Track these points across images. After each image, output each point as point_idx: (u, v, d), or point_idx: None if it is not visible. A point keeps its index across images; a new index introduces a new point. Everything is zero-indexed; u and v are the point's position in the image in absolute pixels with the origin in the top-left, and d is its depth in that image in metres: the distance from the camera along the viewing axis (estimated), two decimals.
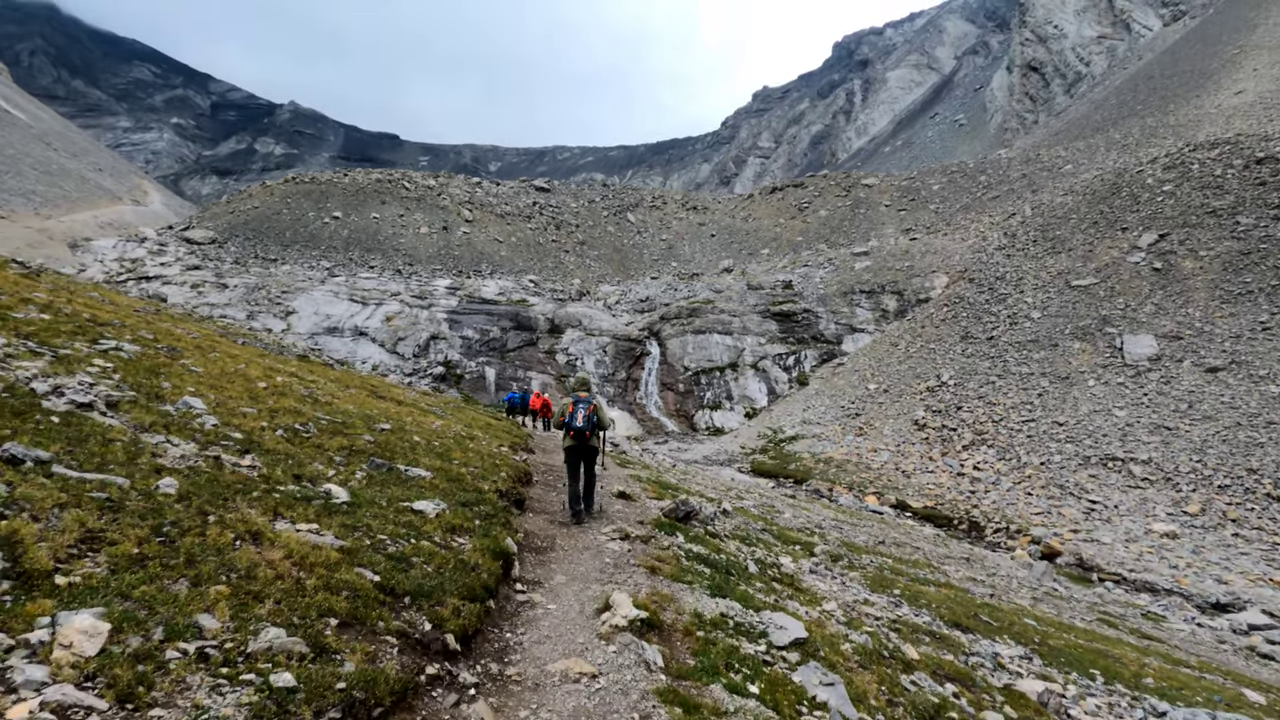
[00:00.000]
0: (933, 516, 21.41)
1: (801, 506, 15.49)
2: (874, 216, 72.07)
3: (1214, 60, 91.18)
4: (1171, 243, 35.36)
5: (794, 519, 11.53)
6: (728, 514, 9.33)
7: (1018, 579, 11.71)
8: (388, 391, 12.78)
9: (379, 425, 8.55)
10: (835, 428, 31.85)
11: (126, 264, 45.44)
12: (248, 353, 10.55)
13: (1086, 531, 19.31)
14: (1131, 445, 24.05)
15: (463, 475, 7.37)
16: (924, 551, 12.09)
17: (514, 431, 14.85)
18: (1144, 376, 28.20)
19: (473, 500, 6.66)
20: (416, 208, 67.16)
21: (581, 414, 8.17)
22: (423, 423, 10.04)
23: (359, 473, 6.29)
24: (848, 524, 13.40)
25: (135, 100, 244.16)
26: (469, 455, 8.73)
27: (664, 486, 10.58)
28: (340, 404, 8.92)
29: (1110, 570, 15.46)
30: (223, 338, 11.53)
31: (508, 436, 12.74)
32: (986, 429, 28.41)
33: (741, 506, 11.09)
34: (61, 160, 72.20)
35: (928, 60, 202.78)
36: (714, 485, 15.14)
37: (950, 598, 7.76)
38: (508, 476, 8.33)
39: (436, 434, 9.62)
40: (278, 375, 9.10)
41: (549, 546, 6.90)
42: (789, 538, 8.83)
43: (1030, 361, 31.78)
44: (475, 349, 39.11)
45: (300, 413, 7.56)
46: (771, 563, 6.91)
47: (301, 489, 5.20)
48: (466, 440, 9.96)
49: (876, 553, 9.97)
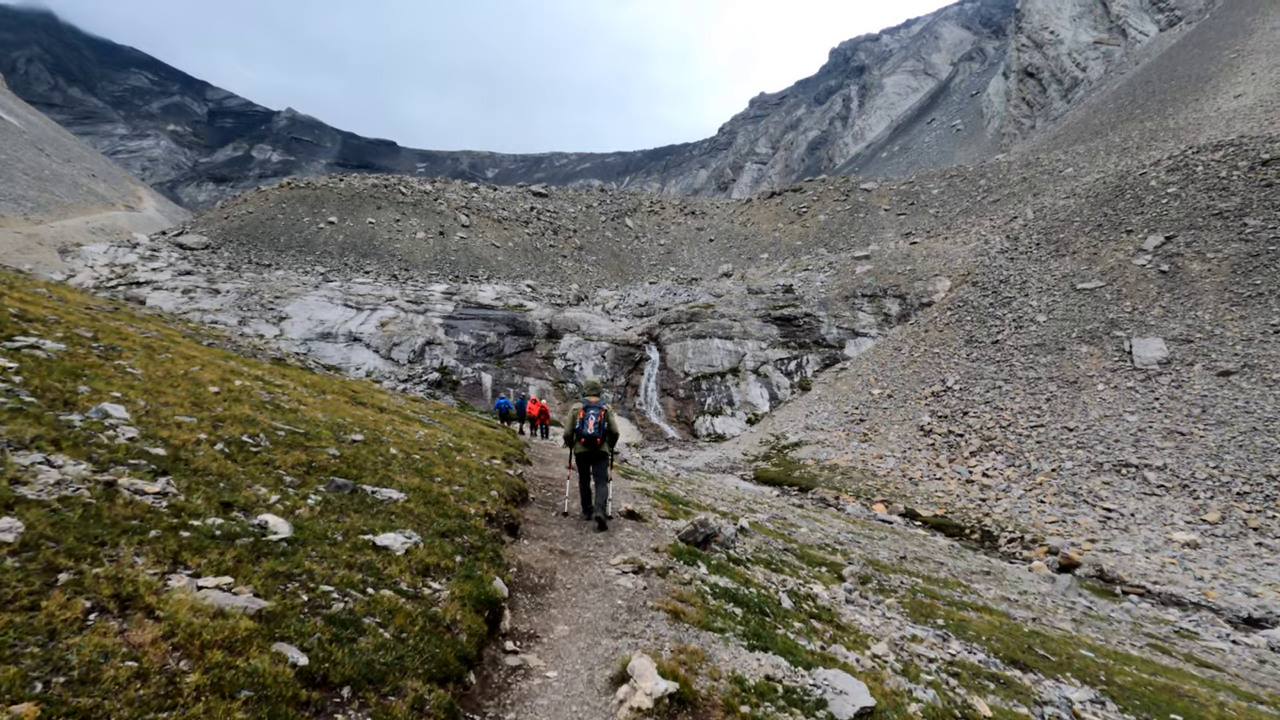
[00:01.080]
0: (944, 526, 20.75)
1: (813, 518, 14.82)
2: (873, 221, 71.71)
3: (1211, 65, 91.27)
4: (1178, 245, 34.87)
5: (810, 534, 10.84)
6: (745, 531, 8.62)
7: (1044, 595, 11.02)
8: (370, 397, 11.79)
9: (350, 436, 7.64)
10: (839, 434, 31.19)
11: (117, 269, 44.73)
12: (210, 354, 9.66)
13: (1104, 541, 18.66)
14: (1145, 451, 23.44)
15: (444, 496, 6.42)
16: (948, 567, 11.42)
17: (509, 441, 13.95)
18: (1154, 381, 27.62)
19: (454, 529, 5.69)
20: (413, 212, 66.60)
21: (593, 420, 8.04)
22: (404, 432, 9.22)
23: (312, 496, 5.23)
24: (864, 537, 12.72)
25: (132, 107, 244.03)
26: (454, 470, 7.88)
27: (674, 501, 9.87)
28: (308, 411, 8.02)
29: (1133, 583, 14.82)
30: (186, 338, 10.72)
31: (501, 447, 11.84)
32: (994, 435, 27.79)
33: (756, 521, 10.39)
34: (54, 166, 71.57)
35: (924, 66, 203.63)
36: (720, 495, 14.46)
37: (996, 626, 7.11)
38: (499, 496, 7.49)
39: (419, 445, 8.80)
40: (238, 379, 8.22)
41: (548, 583, 5.85)
42: (812, 558, 8.14)
43: (1037, 365, 31.20)
44: (472, 355, 38.43)
45: (253, 422, 6.53)
46: (806, 594, 6.14)
47: (226, 523, 4.11)
48: (453, 452, 9.08)
49: (903, 571, 9.31)
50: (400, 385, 33.66)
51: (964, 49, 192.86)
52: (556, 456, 14.84)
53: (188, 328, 13.13)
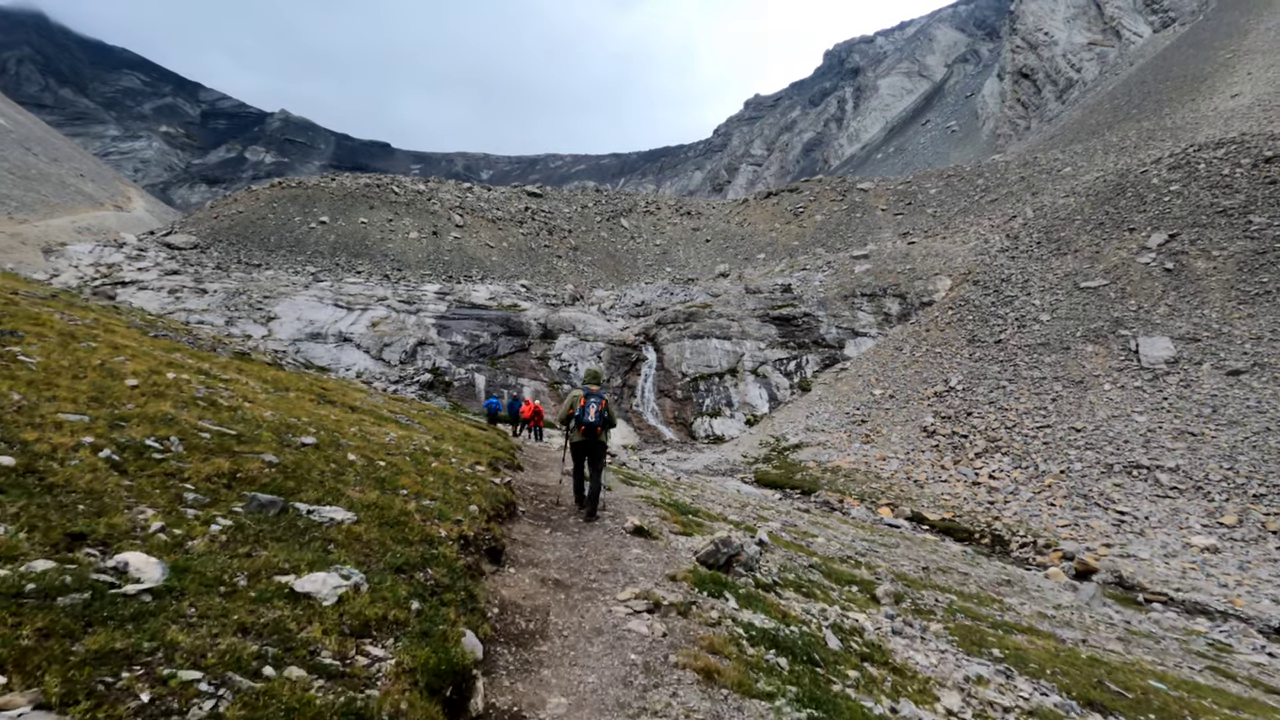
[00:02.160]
0: (952, 530, 20.10)
1: (823, 524, 14.14)
2: (870, 221, 71.26)
3: (1207, 65, 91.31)
4: (1182, 243, 34.40)
5: (828, 544, 10.13)
6: (765, 546, 7.75)
7: (1076, 607, 10.36)
8: (342, 395, 10.79)
9: (299, 439, 6.41)
10: (841, 435, 30.54)
11: (102, 269, 43.79)
12: (152, 345, 8.70)
13: (1120, 546, 18.04)
14: (1156, 452, 22.85)
15: (408, 515, 5.17)
16: (973, 579, 10.75)
17: (498, 444, 12.61)
18: (1162, 380, 27.07)
19: (416, 560, 4.38)
20: (406, 212, 65.77)
21: (594, 409, 7.98)
22: (372, 435, 8.09)
23: (221, 520, 3.92)
24: (881, 546, 12.02)
25: (124, 109, 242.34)
26: (427, 481, 6.63)
27: (681, 511, 9.04)
28: (254, 410, 6.85)
29: (1155, 590, 14.20)
30: (133, 329, 9.83)
31: (489, 450, 10.73)
32: (1000, 436, 27.18)
33: (771, 532, 9.67)
34: (41, 165, 70.42)
35: (918, 68, 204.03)
36: (725, 500, 13.76)
37: (1053, 655, 6.44)
38: (480, 511, 6.26)
39: (387, 449, 7.58)
40: (173, 372, 7.10)
41: (538, 629, 4.56)
42: (839, 574, 7.43)
43: (1042, 365, 30.62)
44: (465, 355, 37.64)
45: (171, 422, 5.39)
46: (851, 627, 5.37)
47: (56, 568, 2.73)
48: (429, 457, 7.95)
49: (933, 586, 8.63)
50: (391, 386, 32.85)
51: (958, 51, 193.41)
52: (551, 461, 13.74)
53: (144, 320, 12.28)
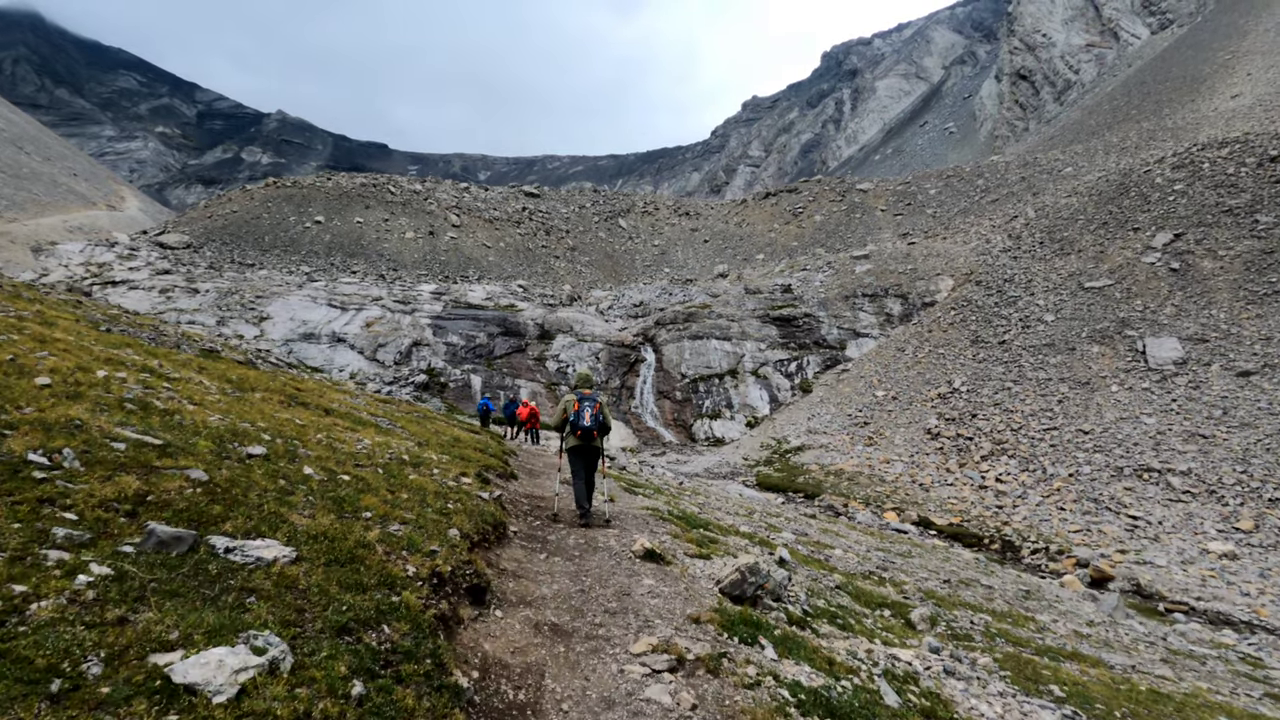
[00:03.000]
0: (961, 535, 19.58)
1: (832, 531, 13.59)
2: (870, 221, 70.90)
3: (1206, 66, 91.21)
4: (1188, 242, 33.98)
5: (845, 556, 9.54)
6: (785, 564, 7.17)
7: (1095, 618, 9.83)
8: (318, 397, 9.80)
9: (245, 449, 5.41)
10: (843, 437, 30.02)
11: (92, 268, 43.12)
12: (95, 340, 7.79)
13: (1135, 552, 17.54)
14: (1167, 455, 22.36)
15: (367, 548, 4.16)
16: (997, 592, 10.21)
17: (489, 449, 11.46)
18: (1171, 381, 26.60)
19: (369, 615, 3.32)
20: (402, 212, 65.18)
21: (588, 413, 7.81)
22: (341, 442, 7.11)
23: (95, 569, 2.80)
24: (897, 556, 11.47)
25: (120, 109, 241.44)
26: (399, 499, 5.64)
27: (691, 524, 8.42)
28: (197, 414, 5.84)
29: (1175, 599, 13.70)
30: (81, 323, 9.18)
31: (478, 458, 9.69)
32: (1006, 438, 26.67)
33: (786, 543, 9.11)
34: (33, 164, 69.69)
35: (916, 70, 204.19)
36: (730, 507, 13.22)
37: (1113, 689, 5.92)
38: (463, 537, 5.23)
39: (356, 460, 6.57)
40: (104, 369, 6.16)
41: (531, 700, 3.46)
42: (868, 596, 6.86)
43: (1047, 366, 30.14)
44: (460, 356, 37.05)
45: (78, 430, 4.34)
46: (904, 673, 4.68)
47: None
48: (407, 468, 6.91)
49: (962, 604, 8.10)
50: (386, 388, 32.27)
51: (956, 52, 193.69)
52: (548, 467, 12.87)
53: (105, 315, 11.66)
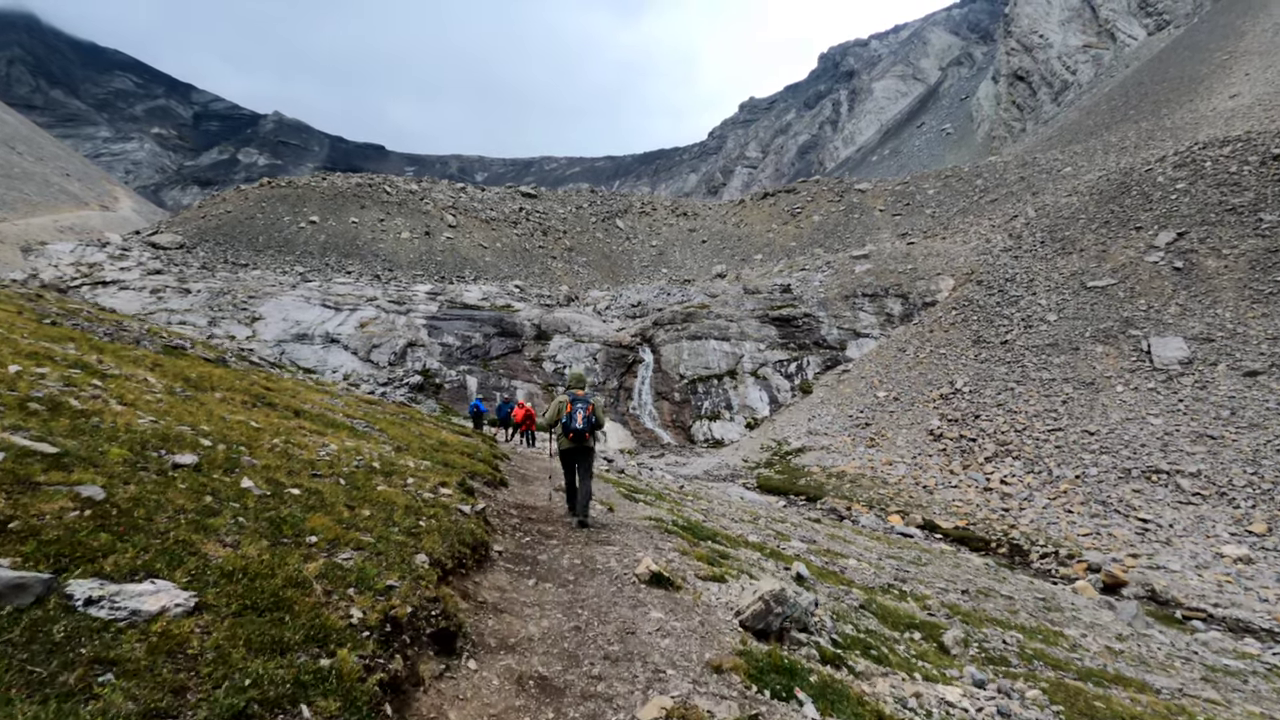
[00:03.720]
0: (967, 539, 19.14)
1: (840, 538, 13.12)
2: (868, 222, 70.59)
3: (1203, 66, 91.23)
4: (1191, 241, 33.64)
5: (859, 566, 9.03)
6: (803, 580, 6.64)
7: (1122, 629, 9.38)
8: (290, 397, 9.04)
9: (172, 458, 4.50)
10: (844, 439, 29.58)
11: (83, 268, 42.53)
12: (29, 332, 7.05)
13: (1147, 556, 17.11)
14: (1175, 456, 21.96)
15: (300, 586, 3.37)
16: (1019, 603, 9.74)
17: (478, 453, 10.56)
18: (1177, 381, 26.21)
19: (280, 692, 2.51)
20: (398, 212, 64.67)
21: (581, 414, 7.75)
22: (302, 448, 6.19)
23: None
24: (910, 564, 10.99)
25: (116, 110, 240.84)
26: (359, 516, 4.74)
27: (698, 536, 7.89)
28: (123, 417, 4.92)
29: (1191, 605, 13.27)
30: (21, 314, 8.64)
31: (463, 463, 8.85)
32: (1010, 439, 26.26)
33: (800, 554, 8.61)
34: (25, 164, 69.01)
35: (913, 71, 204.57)
36: (732, 511, 12.73)
37: (1169, 719, 5.53)
38: (432, 565, 4.33)
39: (314, 469, 5.63)
40: (17, 364, 5.38)
41: None
42: (894, 616, 6.35)
43: (1050, 366, 29.75)
44: (456, 357, 36.54)
45: None
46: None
47: None
48: (375, 477, 6.02)
49: (989, 620, 7.64)
50: (380, 389, 31.76)
51: (952, 54, 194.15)
52: (543, 472, 12.15)
53: (60, 309, 11.14)
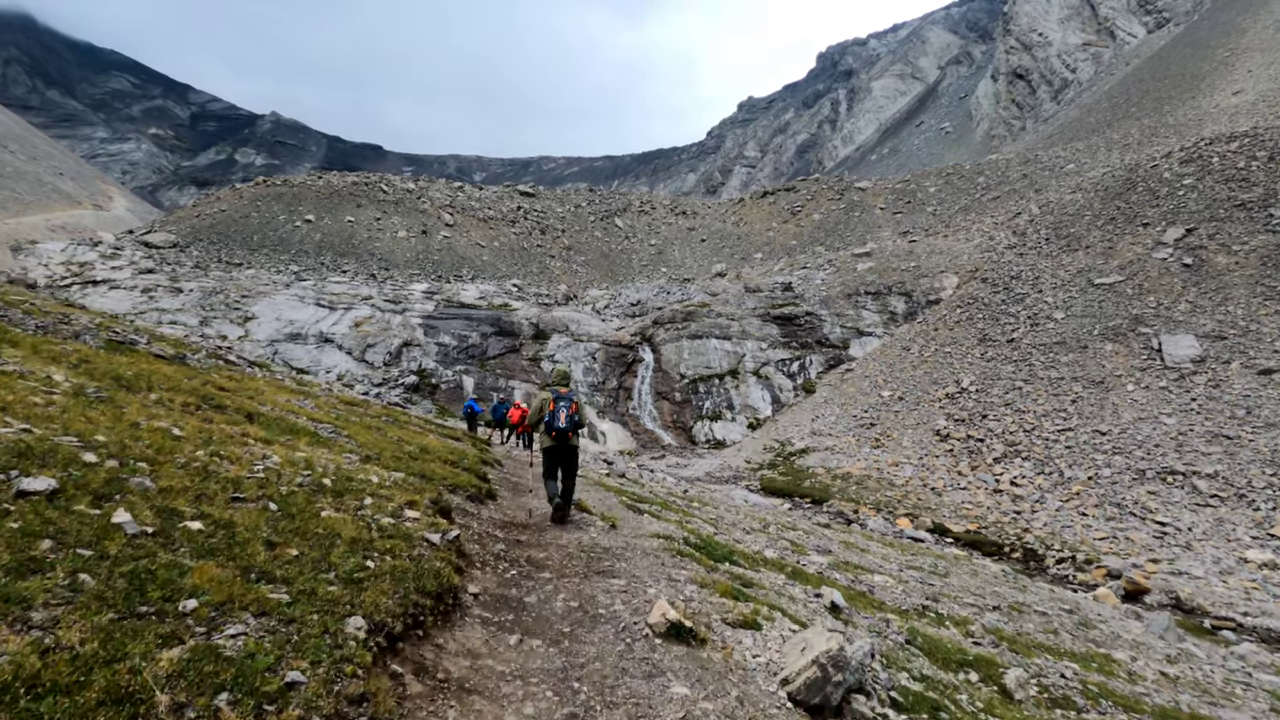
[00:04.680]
0: (979, 543, 18.55)
1: (855, 546, 12.49)
2: (869, 220, 70.01)
3: (1205, 64, 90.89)
4: (1200, 237, 33.08)
5: (885, 583, 8.30)
6: (839, 610, 5.75)
7: (1150, 645, 8.79)
8: (247, 398, 8.01)
9: (21, 482, 3.52)
10: (849, 439, 28.97)
11: (73, 268, 41.84)
12: None
13: (1168, 561, 16.52)
14: (1190, 457, 21.37)
15: (126, 702, 2.20)
16: (1054, 619, 9.10)
17: (464, 460, 9.45)
18: (1189, 380, 25.63)
19: None
20: (394, 211, 64.01)
21: (564, 413, 7.61)
22: (233, 460, 5.10)
23: None
24: (933, 575, 10.35)
25: (112, 110, 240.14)
26: (278, 559, 3.65)
27: (713, 555, 7.01)
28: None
29: (1220, 614, 12.68)
30: None
31: (445, 474, 7.91)
32: (1018, 439, 25.66)
33: (826, 575, 7.89)
34: (17, 163, 68.26)
35: (911, 70, 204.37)
36: (738, 516, 12.13)
37: None
38: (372, 629, 3.24)
39: (239, 488, 4.53)
40: None
41: None
42: (945, 652, 5.60)
43: (1059, 365, 29.17)
44: (453, 356, 35.90)
45: None
46: None
47: None
48: (321, 499, 4.90)
49: (1035, 645, 7.01)
50: (374, 389, 31.12)
51: (951, 53, 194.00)
52: (540, 479, 10.57)
53: (3, 301, 10.52)
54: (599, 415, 35.00)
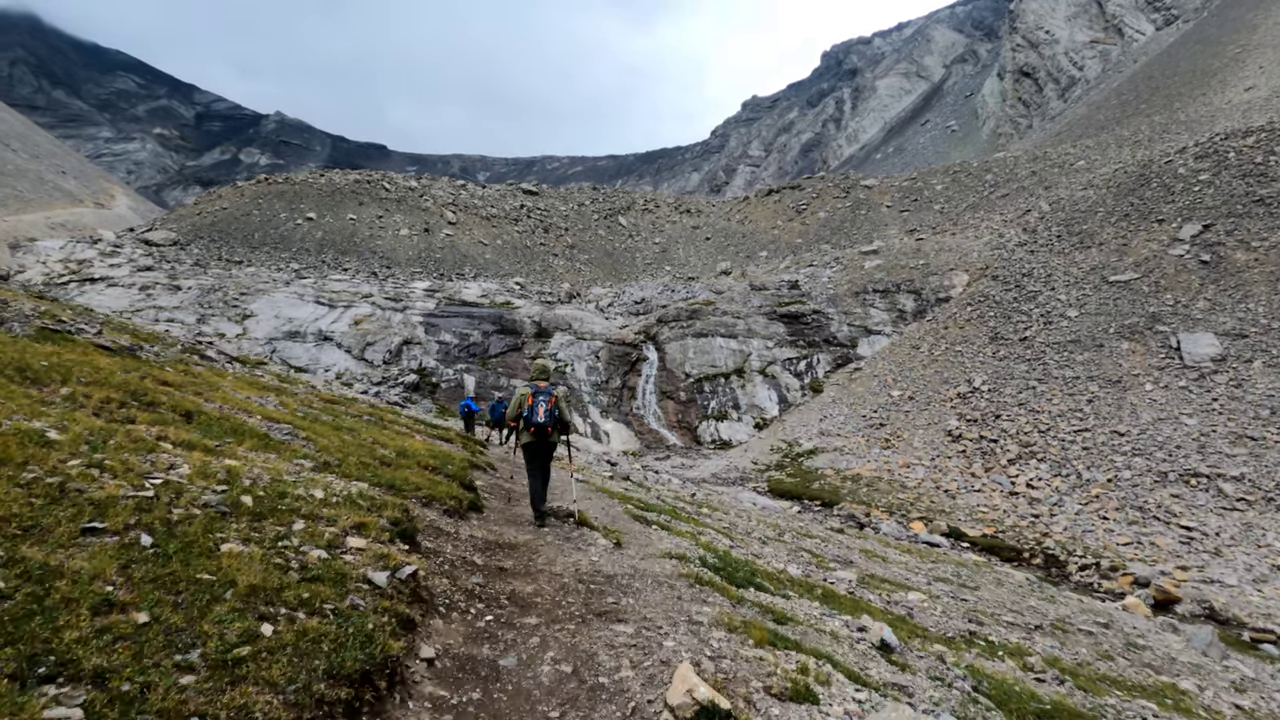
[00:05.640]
0: (997, 548, 17.88)
1: (876, 555, 11.82)
2: (875, 218, 69.24)
3: (1215, 60, 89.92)
4: (1218, 234, 32.30)
5: (922, 604, 7.55)
6: (889, 650, 5.02)
7: (1209, 669, 8.15)
8: (192, 394, 7.15)
9: None
10: (858, 440, 28.29)
11: (72, 265, 41.43)
12: None
13: (1198, 569, 15.85)
14: (1214, 459, 20.66)
15: None
16: (1100, 638, 8.45)
17: (449, 466, 8.46)
18: (1209, 379, 24.89)
19: None
20: (397, 209, 63.54)
21: (542, 408, 7.38)
22: (118, 471, 4.01)
23: None
24: (965, 590, 9.67)
25: (118, 110, 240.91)
26: (102, 638, 2.44)
27: (734, 578, 6.06)
28: None
29: (1257, 626, 12.02)
30: None
31: (421, 482, 6.97)
32: (1033, 440, 24.96)
33: (859, 597, 7.18)
34: (19, 161, 67.98)
35: (917, 69, 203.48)
36: (750, 523, 11.50)
37: None
38: None
39: (102, 514, 3.41)
40: None
41: None
42: (1020, 701, 4.73)
43: (1074, 364, 28.44)
44: (454, 355, 35.33)
45: None
46: None
47: None
48: (228, 525, 3.84)
49: (1100, 679, 6.36)
50: (374, 388, 30.57)
51: (956, 51, 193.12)
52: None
53: None
54: (602, 415, 34.39)
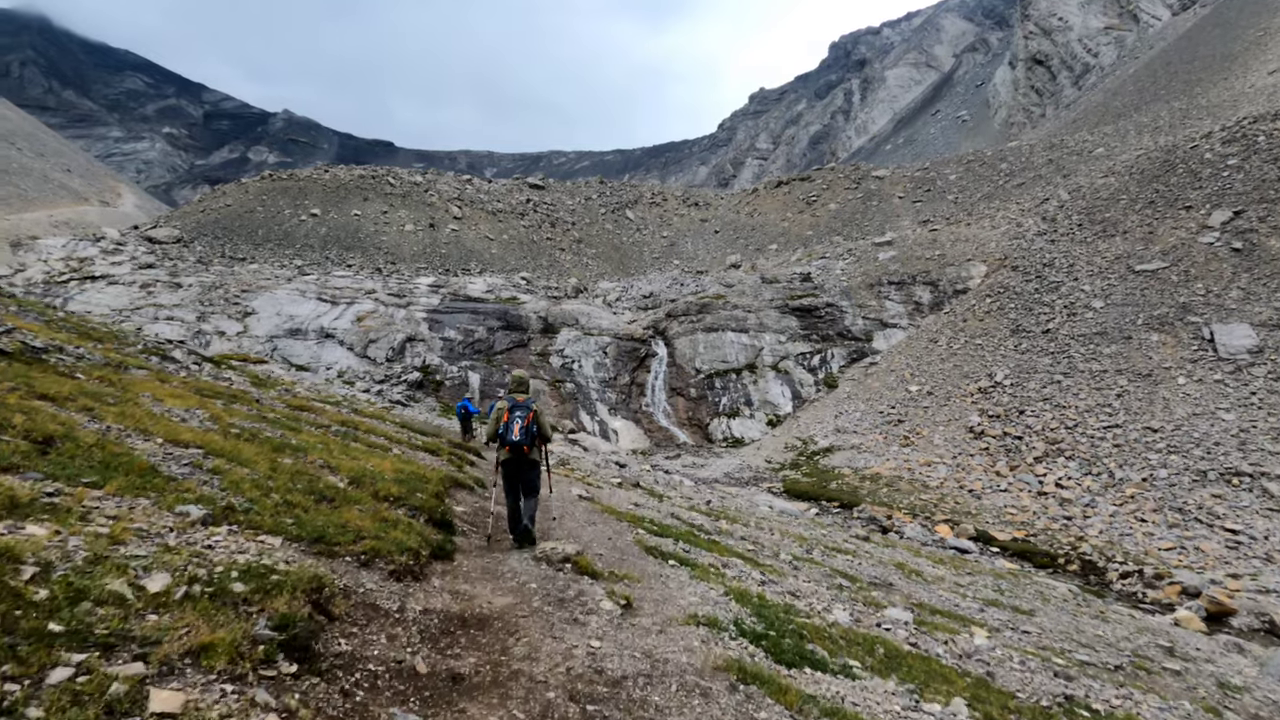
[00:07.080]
0: (1029, 553, 16.91)
1: (910, 569, 10.86)
2: (887, 209, 67.93)
3: (1236, 44, 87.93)
4: (1249, 220, 31.01)
5: (992, 651, 6.47)
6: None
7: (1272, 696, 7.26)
8: (82, 410, 5.85)
9: None
10: (876, 437, 27.31)
11: (73, 263, 40.96)
12: None
13: (1250, 577, 14.83)
14: (1256, 456, 19.58)
15: None
16: (1191, 679, 7.56)
17: (418, 489, 7.50)
18: (1246, 372, 23.74)
19: None
20: (401, 204, 62.84)
21: (518, 424, 7.11)
22: None
23: None
24: (1022, 617, 8.68)
25: (127, 110, 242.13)
26: None
27: (784, 658, 4.70)
28: None
29: None
30: None
31: (366, 527, 5.23)
32: (1060, 437, 23.90)
33: (904, 626, 6.27)
34: (24, 159, 67.77)
35: (926, 59, 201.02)
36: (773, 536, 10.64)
37: None
38: None
39: None
40: None
41: None
42: None
43: (1101, 357, 27.31)
44: (458, 352, 34.57)
45: None
46: None
47: None
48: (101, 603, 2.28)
49: None
50: (376, 386, 29.86)
51: (966, 40, 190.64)
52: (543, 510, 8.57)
53: None
54: (611, 412, 33.54)
